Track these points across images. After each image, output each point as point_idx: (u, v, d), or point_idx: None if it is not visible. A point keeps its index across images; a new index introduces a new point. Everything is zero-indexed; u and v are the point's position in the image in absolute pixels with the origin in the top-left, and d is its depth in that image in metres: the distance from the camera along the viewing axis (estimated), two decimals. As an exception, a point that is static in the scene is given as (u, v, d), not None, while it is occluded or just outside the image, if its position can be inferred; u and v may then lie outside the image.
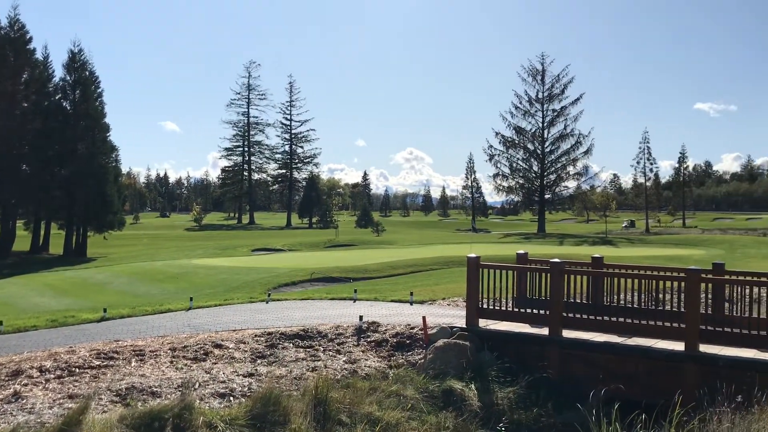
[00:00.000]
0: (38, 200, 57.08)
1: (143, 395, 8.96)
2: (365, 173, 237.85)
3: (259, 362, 10.96)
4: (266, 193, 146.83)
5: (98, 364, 10.52)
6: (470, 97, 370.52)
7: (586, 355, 10.83)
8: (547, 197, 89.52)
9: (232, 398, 9.06)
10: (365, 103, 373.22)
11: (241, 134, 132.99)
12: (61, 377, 9.86)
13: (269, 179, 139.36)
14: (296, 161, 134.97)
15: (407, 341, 11.94)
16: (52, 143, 56.45)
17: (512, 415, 9.71)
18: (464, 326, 11.98)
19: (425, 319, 12.02)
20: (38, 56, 59.26)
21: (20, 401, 8.69)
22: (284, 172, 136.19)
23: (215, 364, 10.72)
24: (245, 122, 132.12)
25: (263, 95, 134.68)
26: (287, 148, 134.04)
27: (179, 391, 8.98)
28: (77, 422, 7.50)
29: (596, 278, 12.57)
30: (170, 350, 11.37)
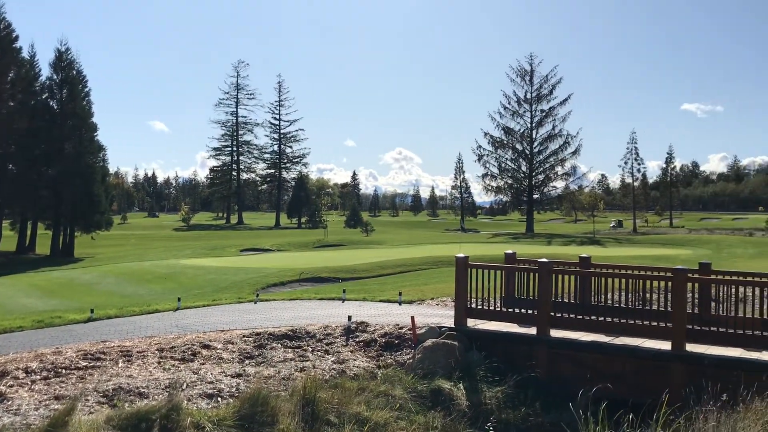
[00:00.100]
0: (25, 200, 56.65)
1: (130, 396, 8.91)
2: (354, 173, 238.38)
3: (247, 363, 10.92)
4: (255, 193, 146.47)
5: (85, 365, 10.45)
6: (459, 97, 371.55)
7: (573, 354, 10.87)
8: (535, 197, 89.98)
9: (220, 399, 9.03)
10: (354, 103, 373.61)
11: (229, 134, 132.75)
12: (47, 378, 9.78)
13: (258, 179, 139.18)
14: (285, 161, 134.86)
15: (396, 341, 11.94)
16: (38, 142, 56.11)
17: (500, 414, 9.74)
18: (453, 326, 11.99)
19: (414, 319, 12.02)
20: (24, 55, 58.95)
21: (5, 403, 8.61)
22: (273, 171, 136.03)
23: (203, 364, 10.68)
24: (234, 122, 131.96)
25: (252, 95, 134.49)
26: (276, 147, 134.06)
27: (167, 391, 8.94)
28: (63, 423, 7.44)
29: (584, 278, 12.64)
30: (158, 351, 11.31)
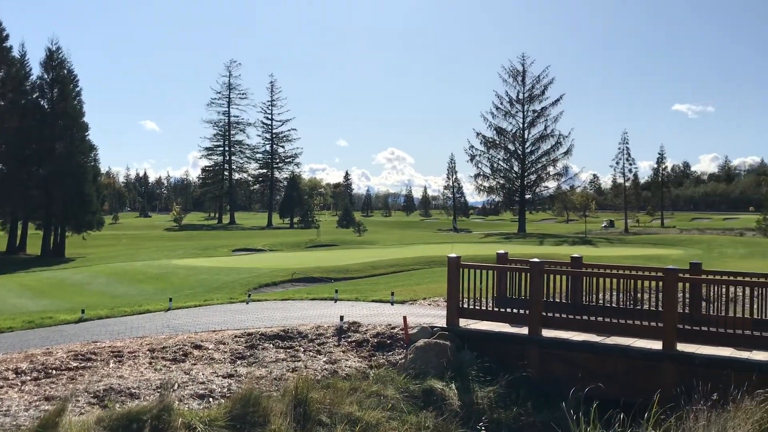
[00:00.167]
0: (15, 200, 56.34)
1: (121, 397, 8.87)
2: (347, 173, 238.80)
3: (238, 363, 10.90)
4: (247, 193, 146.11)
5: (76, 365, 10.40)
6: (452, 97, 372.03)
7: (565, 354, 10.89)
8: (527, 197, 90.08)
9: (211, 399, 9.00)
10: (347, 103, 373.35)
11: (221, 134, 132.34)
12: (37, 379, 9.73)
13: (250, 179, 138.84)
14: (277, 161, 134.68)
15: (388, 341, 11.93)
16: (29, 142, 55.82)
17: (492, 414, 9.74)
18: (445, 326, 12.00)
19: (406, 319, 12.02)
20: (15, 54, 58.66)
21: (-5, 404, 8.56)
22: (265, 171, 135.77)
23: (194, 365, 10.65)
24: (226, 122, 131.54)
25: (244, 94, 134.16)
26: (268, 147, 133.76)
27: (158, 392, 8.90)
28: (54, 424, 7.40)
29: (575, 278, 12.67)
30: (149, 351, 11.27)
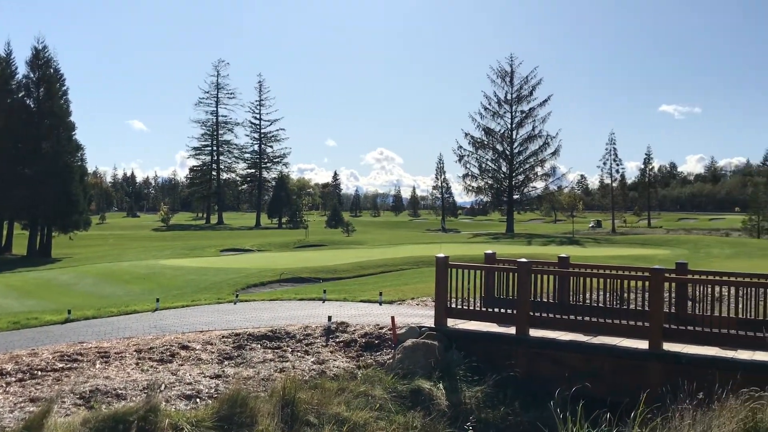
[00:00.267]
0: (1, 199, 55.88)
1: (108, 398, 8.81)
2: (335, 173, 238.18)
3: (226, 363, 10.86)
4: (235, 193, 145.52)
5: (62, 366, 10.34)
6: (441, 97, 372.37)
7: (552, 353, 10.93)
8: (515, 198, 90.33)
9: (198, 400, 8.96)
10: (335, 103, 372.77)
11: (209, 133, 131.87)
12: (22, 380, 9.66)
13: (238, 179, 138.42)
14: (265, 161, 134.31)
15: (376, 341, 11.93)
16: (15, 142, 55.37)
17: (480, 413, 9.77)
18: (433, 326, 12.01)
19: (394, 319, 12.03)
20: (0, 53, 58.22)
21: (-20, 405, 8.49)
22: (253, 171, 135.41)
23: (182, 365, 10.60)
24: (214, 121, 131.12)
25: (232, 94, 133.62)
26: (256, 147, 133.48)
27: (145, 393, 8.87)
28: (39, 426, 7.36)
29: (563, 278, 12.73)
30: (136, 352, 11.22)
